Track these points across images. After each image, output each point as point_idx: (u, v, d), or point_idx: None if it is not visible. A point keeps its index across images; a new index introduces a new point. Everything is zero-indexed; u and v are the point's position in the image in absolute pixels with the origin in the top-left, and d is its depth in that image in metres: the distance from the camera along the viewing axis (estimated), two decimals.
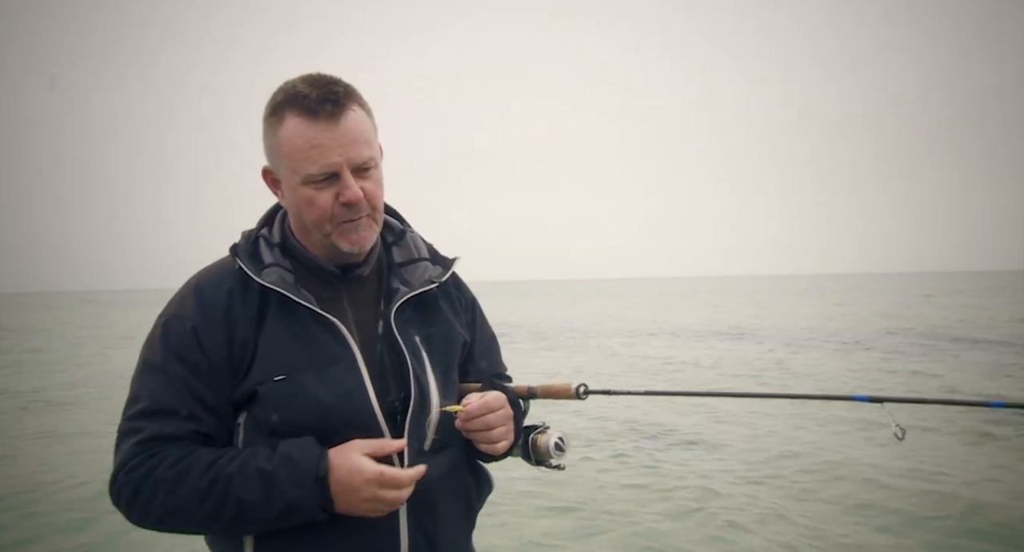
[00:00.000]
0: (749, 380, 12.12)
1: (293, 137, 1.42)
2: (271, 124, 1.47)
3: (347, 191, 1.43)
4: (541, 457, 1.67)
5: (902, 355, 15.02)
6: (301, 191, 1.44)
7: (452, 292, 1.71)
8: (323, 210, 1.44)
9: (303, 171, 1.42)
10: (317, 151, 1.41)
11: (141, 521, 1.40)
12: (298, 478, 1.34)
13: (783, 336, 20.08)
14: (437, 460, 1.50)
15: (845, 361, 14.31)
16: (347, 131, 1.43)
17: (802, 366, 13.65)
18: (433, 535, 1.49)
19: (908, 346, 16.68)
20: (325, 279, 1.54)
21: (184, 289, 1.50)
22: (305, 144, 1.41)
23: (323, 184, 1.43)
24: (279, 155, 1.46)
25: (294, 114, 1.42)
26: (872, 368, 13.16)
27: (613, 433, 8.00)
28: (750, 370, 13.26)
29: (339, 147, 1.42)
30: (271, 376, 1.41)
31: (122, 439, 1.41)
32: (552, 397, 1.72)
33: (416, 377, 1.49)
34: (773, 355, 15.52)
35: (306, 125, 1.41)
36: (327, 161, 1.41)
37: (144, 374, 1.44)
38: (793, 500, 5.56)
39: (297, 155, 1.42)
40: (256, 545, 1.42)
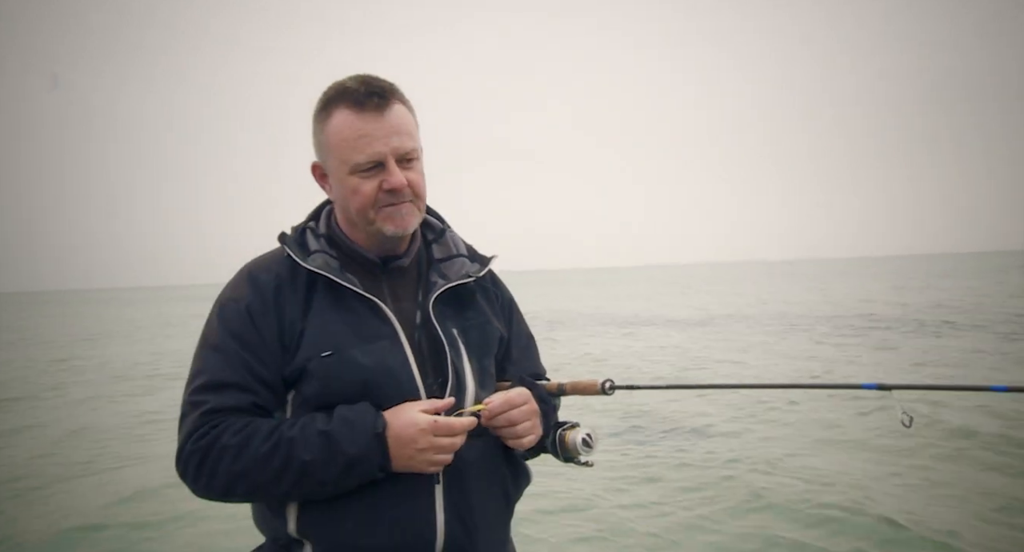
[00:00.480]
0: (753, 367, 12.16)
1: (342, 128, 1.53)
2: (321, 120, 1.58)
3: (391, 178, 1.54)
4: (569, 454, 1.71)
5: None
6: (348, 181, 1.55)
7: (490, 289, 1.80)
8: (368, 197, 1.55)
9: (350, 160, 1.53)
10: (364, 141, 1.52)
11: (208, 491, 1.48)
12: (356, 435, 1.43)
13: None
14: (472, 444, 1.56)
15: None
16: (392, 123, 1.54)
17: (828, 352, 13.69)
18: (469, 518, 1.55)
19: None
20: (367, 268, 1.64)
21: (237, 276, 1.62)
22: (353, 134, 1.52)
23: (369, 173, 1.54)
24: (328, 147, 1.57)
25: (343, 107, 1.54)
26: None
27: (634, 427, 8.08)
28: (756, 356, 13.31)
29: (384, 137, 1.53)
30: (319, 353, 1.51)
31: (187, 412, 1.50)
32: (580, 393, 1.77)
33: (453, 364, 1.58)
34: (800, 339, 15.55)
35: (354, 117, 1.53)
36: (373, 150, 1.52)
37: (204, 352, 1.54)
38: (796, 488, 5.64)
39: (345, 145, 1.53)
40: (298, 522, 1.50)
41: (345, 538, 1.48)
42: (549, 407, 1.75)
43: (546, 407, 1.72)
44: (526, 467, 1.76)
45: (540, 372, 1.88)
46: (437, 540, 1.51)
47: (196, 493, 1.51)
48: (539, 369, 1.89)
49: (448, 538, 1.52)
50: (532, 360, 1.87)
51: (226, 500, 1.50)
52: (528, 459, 1.77)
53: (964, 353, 13.05)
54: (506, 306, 1.84)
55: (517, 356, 1.81)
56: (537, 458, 1.79)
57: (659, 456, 6.85)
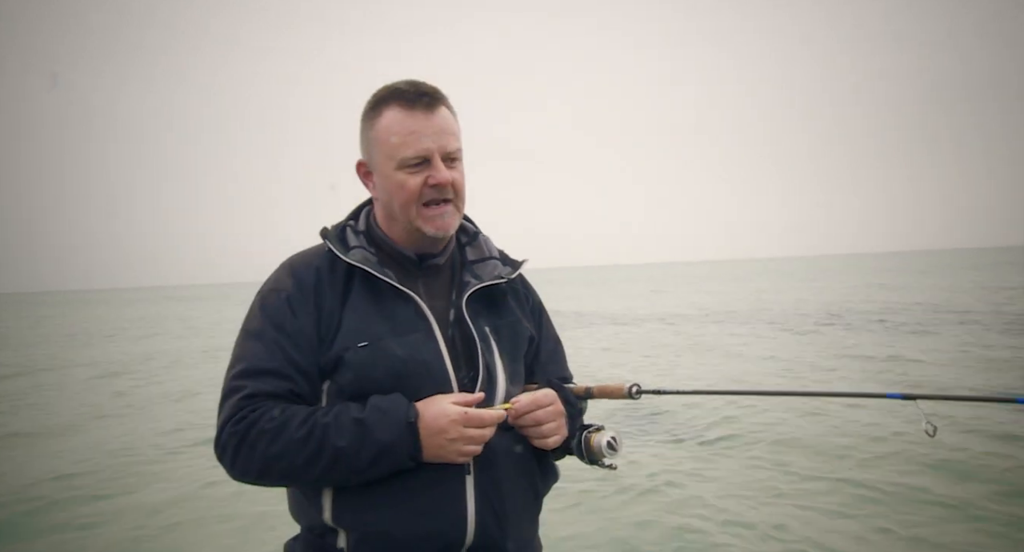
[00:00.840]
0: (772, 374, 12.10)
1: (391, 125, 1.61)
2: (370, 118, 1.65)
3: (437, 174, 1.61)
4: (594, 456, 1.73)
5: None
6: (395, 176, 1.62)
7: (520, 291, 1.86)
8: (412, 192, 1.61)
9: (398, 156, 1.60)
10: (413, 137, 1.59)
11: (244, 473, 1.53)
12: (389, 423, 1.48)
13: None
14: (503, 437, 1.61)
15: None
16: (439, 122, 1.61)
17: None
18: (499, 508, 1.59)
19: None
20: (403, 266, 1.69)
21: (279, 268, 1.68)
22: (402, 130, 1.59)
23: (415, 169, 1.60)
24: (376, 144, 1.63)
25: (393, 106, 1.61)
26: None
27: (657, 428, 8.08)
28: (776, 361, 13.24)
29: (432, 135, 1.60)
30: (355, 343, 1.56)
31: (226, 397, 1.56)
32: (607, 397, 1.80)
33: (484, 360, 1.63)
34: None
35: (404, 115, 1.60)
36: (421, 146, 1.59)
37: (245, 340, 1.61)
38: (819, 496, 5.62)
39: (395, 141, 1.60)
40: (333, 510, 1.55)
41: (379, 526, 1.53)
42: (575, 410, 1.79)
43: (572, 410, 1.76)
44: (554, 466, 1.80)
45: (567, 375, 1.92)
46: (468, 529, 1.55)
47: (232, 475, 1.56)
48: (566, 372, 1.92)
49: (479, 527, 1.56)
50: (559, 363, 1.91)
51: (260, 483, 1.55)
52: (553, 460, 1.80)
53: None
54: (536, 309, 1.89)
55: (545, 359, 1.86)
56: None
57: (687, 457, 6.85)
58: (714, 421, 8.27)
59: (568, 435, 1.73)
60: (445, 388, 1.58)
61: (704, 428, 8.05)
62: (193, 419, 9.74)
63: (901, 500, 5.44)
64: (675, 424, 8.31)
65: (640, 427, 8.19)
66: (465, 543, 1.56)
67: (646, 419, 8.52)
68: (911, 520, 5.05)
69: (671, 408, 8.87)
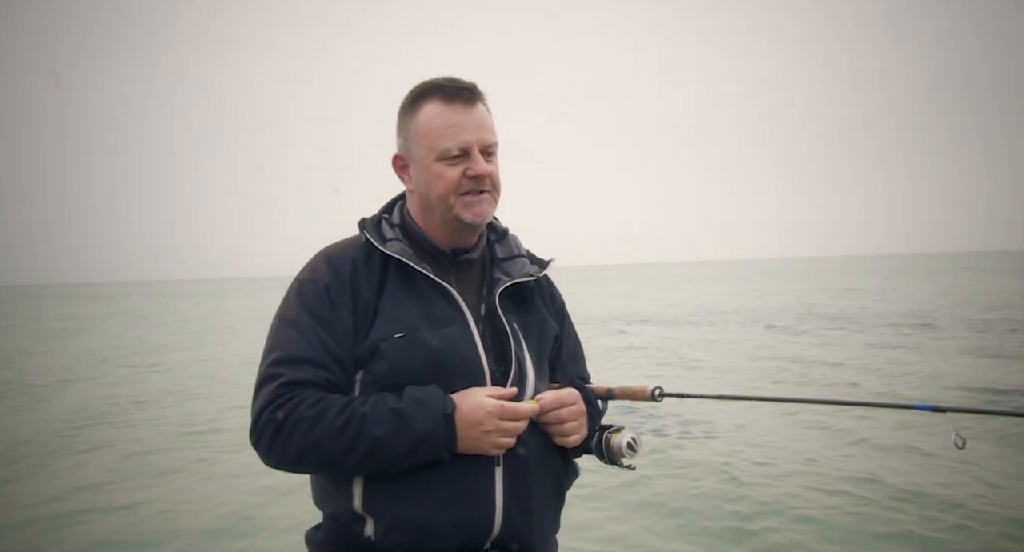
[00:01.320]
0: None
1: (432, 118, 1.64)
2: (409, 112, 1.68)
3: (476, 165, 1.63)
4: (613, 456, 1.74)
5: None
6: (434, 167, 1.64)
7: (545, 289, 1.87)
8: (451, 183, 1.63)
9: (439, 147, 1.62)
10: (454, 129, 1.62)
11: (280, 460, 1.54)
12: (427, 414, 1.50)
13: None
14: (531, 431, 1.62)
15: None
16: (479, 117, 1.65)
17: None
18: (526, 501, 1.61)
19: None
20: (437, 259, 1.71)
21: (315, 258, 1.70)
22: (443, 123, 1.62)
23: (455, 161, 1.63)
24: (415, 136, 1.66)
25: (434, 100, 1.64)
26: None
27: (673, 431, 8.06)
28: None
29: (472, 128, 1.63)
30: (392, 333, 1.58)
31: (263, 384, 1.57)
32: (630, 398, 1.81)
33: (516, 355, 1.65)
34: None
35: (444, 108, 1.63)
36: (462, 138, 1.62)
37: (281, 327, 1.62)
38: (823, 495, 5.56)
39: (435, 133, 1.63)
40: (364, 498, 1.56)
41: (408, 514, 1.54)
42: (595, 410, 1.80)
43: (592, 410, 1.78)
44: (574, 462, 1.81)
45: (586, 376, 1.93)
46: (496, 520, 1.57)
47: (267, 462, 1.57)
48: (585, 373, 1.93)
49: (506, 519, 1.57)
50: (579, 364, 1.92)
51: (295, 470, 1.57)
52: (573, 458, 1.80)
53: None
54: (559, 309, 1.91)
55: (565, 358, 1.87)
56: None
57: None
58: (727, 423, 8.21)
59: (588, 435, 1.74)
60: (479, 381, 1.59)
61: (716, 429, 7.99)
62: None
63: (926, 509, 5.37)
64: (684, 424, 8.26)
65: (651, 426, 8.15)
66: (492, 534, 1.57)
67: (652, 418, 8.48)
68: (935, 527, 4.98)
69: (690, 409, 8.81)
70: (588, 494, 5.67)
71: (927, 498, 5.67)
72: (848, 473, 6.35)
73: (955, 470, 6.30)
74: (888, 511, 5.43)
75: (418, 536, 1.54)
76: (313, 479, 1.68)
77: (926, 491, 5.83)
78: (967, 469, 6.29)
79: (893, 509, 5.46)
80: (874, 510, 5.47)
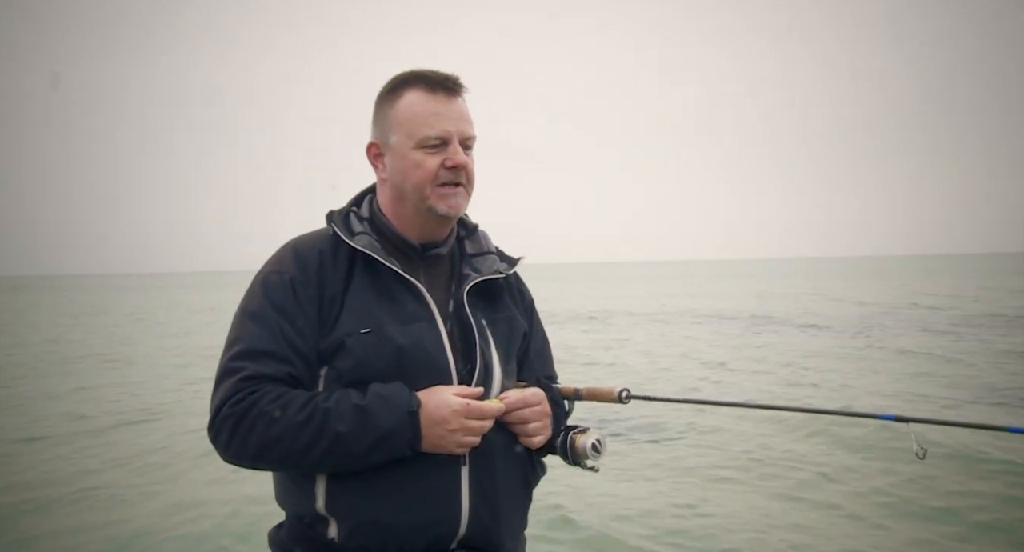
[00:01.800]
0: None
1: (414, 105, 1.62)
2: (389, 99, 1.66)
3: (455, 156, 1.62)
4: (577, 457, 1.73)
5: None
6: (412, 155, 1.62)
7: (515, 288, 1.86)
8: (429, 172, 1.61)
9: (419, 134, 1.61)
10: (436, 118, 1.60)
11: (239, 456, 1.51)
12: (391, 411, 1.47)
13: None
14: (497, 429, 1.61)
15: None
16: (460, 109, 1.64)
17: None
18: (493, 500, 1.59)
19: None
20: (406, 254, 1.68)
21: (281, 250, 1.66)
22: (425, 111, 1.61)
23: (434, 149, 1.61)
24: (395, 123, 1.64)
25: (416, 88, 1.63)
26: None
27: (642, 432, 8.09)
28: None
29: (453, 119, 1.62)
30: (358, 329, 1.55)
31: (223, 377, 1.53)
32: (596, 400, 1.79)
33: (482, 352, 1.63)
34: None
35: (427, 96, 1.61)
36: (443, 127, 1.60)
37: (244, 320, 1.58)
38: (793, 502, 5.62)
39: (416, 120, 1.61)
40: (327, 499, 1.53)
41: (372, 515, 1.52)
42: (561, 410, 1.80)
43: (558, 410, 1.77)
44: (541, 460, 1.80)
45: (553, 375, 1.92)
46: (462, 519, 1.55)
47: (225, 457, 1.53)
48: (551, 372, 1.93)
49: (473, 518, 1.56)
50: (546, 362, 1.91)
51: (254, 466, 1.53)
52: (538, 457, 1.79)
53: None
54: (528, 306, 1.89)
55: (533, 356, 1.86)
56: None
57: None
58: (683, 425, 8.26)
59: (552, 435, 1.73)
60: (445, 379, 1.58)
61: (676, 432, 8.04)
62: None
63: (884, 514, 5.44)
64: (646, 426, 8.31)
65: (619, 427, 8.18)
66: (458, 534, 1.56)
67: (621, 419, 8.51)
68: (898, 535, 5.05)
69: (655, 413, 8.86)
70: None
71: (888, 505, 5.76)
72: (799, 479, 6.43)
73: (914, 478, 6.41)
74: (847, 520, 5.50)
75: (382, 537, 1.52)
76: (276, 478, 1.65)
77: (886, 499, 5.93)
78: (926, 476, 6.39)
79: (853, 516, 5.53)
80: (833, 517, 5.54)
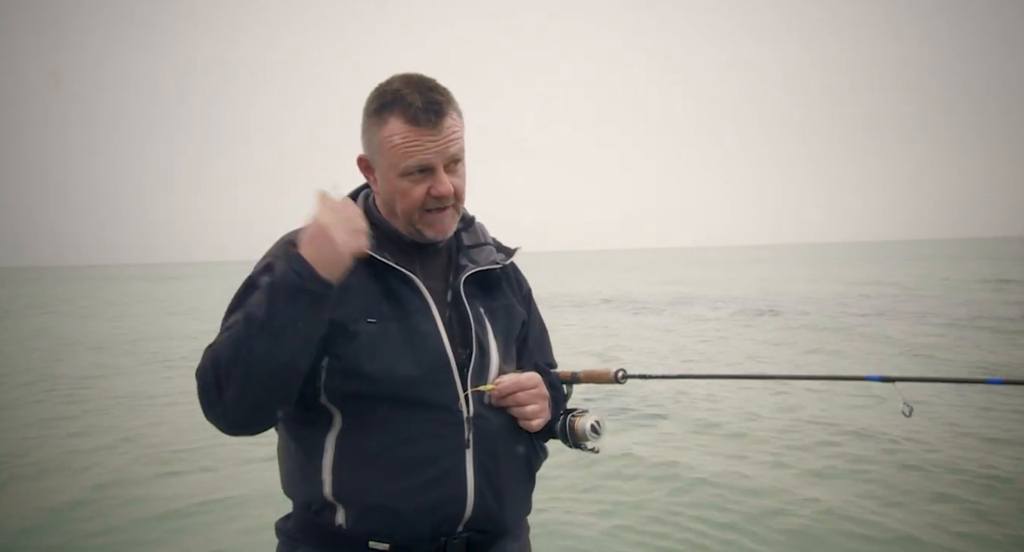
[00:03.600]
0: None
1: (394, 135, 1.59)
2: (374, 122, 1.63)
3: (439, 186, 1.61)
4: (577, 439, 1.76)
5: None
6: (398, 183, 1.62)
7: (512, 277, 1.87)
8: (415, 201, 1.62)
9: (401, 165, 1.60)
10: (418, 149, 1.58)
11: (214, 404, 1.46)
12: (281, 267, 1.46)
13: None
14: (498, 413, 1.64)
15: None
16: (445, 134, 1.61)
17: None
18: (497, 482, 1.61)
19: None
20: (401, 248, 1.69)
21: (278, 243, 1.66)
22: (406, 142, 1.58)
23: (418, 177, 1.61)
24: (379, 150, 1.63)
25: (399, 118, 1.59)
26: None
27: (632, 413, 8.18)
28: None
29: (437, 148, 1.60)
30: (361, 319, 1.56)
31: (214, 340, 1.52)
32: (594, 381, 1.83)
33: (479, 339, 1.65)
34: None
35: (408, 129, 1.59)
36: (425, 159, 1.59)
37: (240, 293, 1.57)
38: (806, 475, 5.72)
39: (398, 152, 1.59)
40: (335, 482, 1.56)
41: (379, 501, 1.54)
42: (559, 394, 1.83)
43: (556, 394, 1.80)
44: (542, 443, 1.82)
45: (552, 362, 1.94)
46: (467, 502, 1.57)
47: (210, 416, 1.49)
48: (551, 359, 1.95)
49: (477, 501, 1.58)
50: (544, 350, 1.93)
51: (236, 412, 1.47)
52: (540, 441, 1.81)
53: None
54: (526, 295, 1.92)
55: (532, 344, 1.88)
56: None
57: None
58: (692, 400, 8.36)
59: (552, 418, 1.76)
60: (444, 367, 1.59)
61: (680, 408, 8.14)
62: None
63: (881, 479, 5.56)
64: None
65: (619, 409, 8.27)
66: (464, 517, 1.58)
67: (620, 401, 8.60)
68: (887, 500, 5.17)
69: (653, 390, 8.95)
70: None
71: (883, 460, 5.88)
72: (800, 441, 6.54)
73: (903, 437, 6.54)
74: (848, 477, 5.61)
75: (389, 522, 1.54)
76: (282, 466, 1.67)
77: (880, 458, 6.05)
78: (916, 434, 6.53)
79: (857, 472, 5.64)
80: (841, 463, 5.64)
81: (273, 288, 1.44)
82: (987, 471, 5.65)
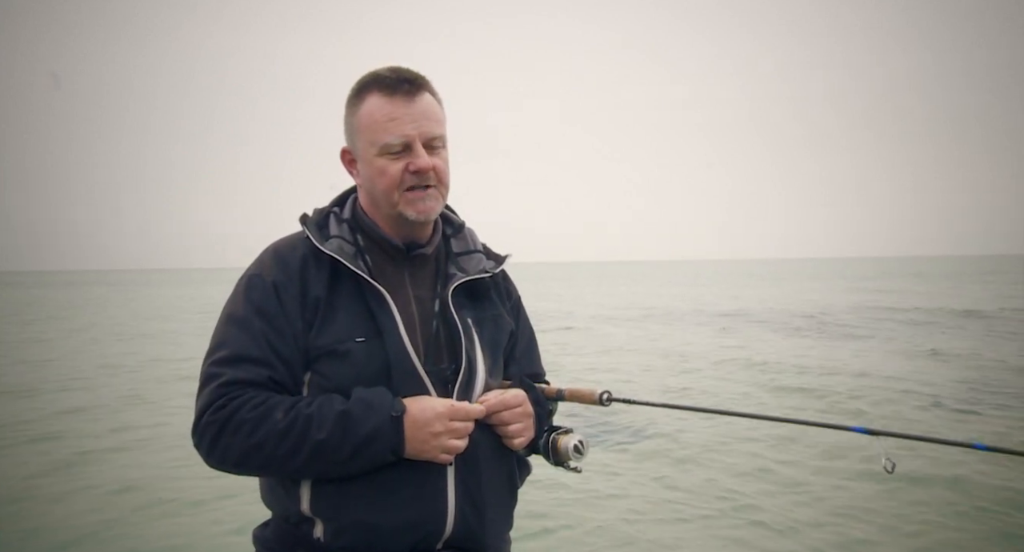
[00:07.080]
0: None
1: (373, 111, 1.60)
2: (353, 105, 1.65)
3: (418, 160, 1.60)
4: (560, 458, 1.74)
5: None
6: (376, 162, 1.61)
7: (501, 285, 1.86)
8: (394, 179, 1.60)
9: (379, 141, 1.59)
10: (394, 123, 1.58)
11: (221, 462, 1.51)
12: (373, 415, 1.47)
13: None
14: (481, 430, 1.62)
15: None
16: (421, 108, 1.60)
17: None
18: (479, 499, 1.60)
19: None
20: (391, 255, 1.68)
21: (263, 254, 1.66)
22: (383, 117, 1.59)
23: (396, 155, 1.60)
24: (358, 130, 1.63)
25: (375, 93, 1.60)
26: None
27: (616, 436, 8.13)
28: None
29: (413, 121, 1.59)
30: (353, 337, 1.56)
31: (205, 383, 1.53)
32: (578, 401, 1.80)
33: (466, 351, 1.63)
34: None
35: (384, 101, 1.59)
36: (402, 132, 1.58)
37: (227, 325, 1.58)
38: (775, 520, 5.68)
39: (375, 127, 1.59)
40: (312, 500, 1.54)
41: (358, 517, 1.52)
42: (544, 410, 1.81)
43: (541, 410, 1.78)
44: (526, 459, 1.82)
45: (540, 373, 1.93)
46: (448, 520, 1.55)
47: (209, 463, 1.54)
48: (539, 369, 1.94)
49: (458, 518, 1.56)
50: (532, 360, 1.92)
51: (238, 472, 1.53)
52: (523, 456, 1.81)
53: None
54: (515, 304, 1.91)
55: (520, 354, 1.87)
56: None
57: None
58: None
59: (535, 436, 1.75)
60: (418, 387, 1.57)
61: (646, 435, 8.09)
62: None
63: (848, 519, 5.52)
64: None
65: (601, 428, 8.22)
66: (444, 534, 1.56)
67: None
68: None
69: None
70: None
71: (858, 516, 5.84)
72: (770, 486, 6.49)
73: (882, 492, 6.49)
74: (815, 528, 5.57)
75: (368, 538, 1.52)
76: (261, 478, 1.66)
77: (854, 512, 6.01)
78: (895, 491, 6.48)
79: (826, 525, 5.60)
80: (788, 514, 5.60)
81: (359, 449, 1.47)
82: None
